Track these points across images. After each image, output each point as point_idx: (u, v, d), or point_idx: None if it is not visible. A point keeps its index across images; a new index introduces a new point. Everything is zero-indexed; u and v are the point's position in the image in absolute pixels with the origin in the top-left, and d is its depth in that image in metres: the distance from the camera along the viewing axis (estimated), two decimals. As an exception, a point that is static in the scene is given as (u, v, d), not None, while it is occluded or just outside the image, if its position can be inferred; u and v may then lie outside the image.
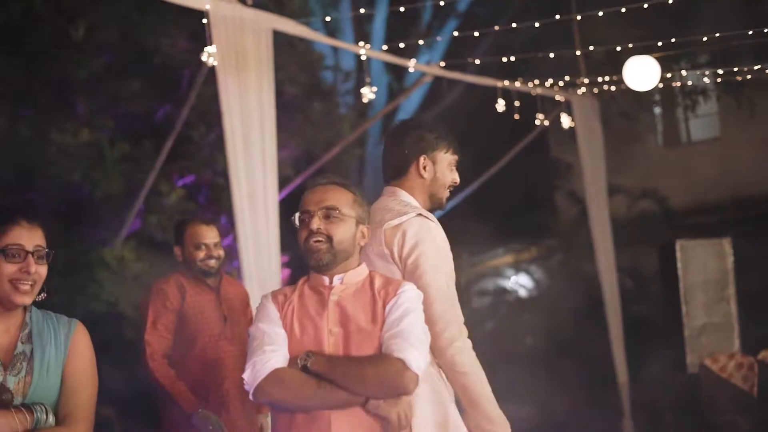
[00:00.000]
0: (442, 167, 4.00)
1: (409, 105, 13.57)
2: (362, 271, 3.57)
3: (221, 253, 5.42)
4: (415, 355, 3.35)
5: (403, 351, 3.34)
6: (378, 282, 3.54)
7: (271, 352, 3.39)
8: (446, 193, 4.01)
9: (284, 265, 9.79)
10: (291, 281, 9.93)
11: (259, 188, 6.51)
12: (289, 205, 10.62)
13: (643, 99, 13.91)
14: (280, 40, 8.60)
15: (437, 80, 12.97)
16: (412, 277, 3.76)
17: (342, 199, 3.50)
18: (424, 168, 3.98)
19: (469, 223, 13.42)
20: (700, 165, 15.43)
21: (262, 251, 6.44)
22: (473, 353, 3.74)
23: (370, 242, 3.82)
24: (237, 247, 6.43)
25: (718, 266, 10.11)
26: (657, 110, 15.92)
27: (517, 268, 15.30)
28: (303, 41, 9.29)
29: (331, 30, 12.98)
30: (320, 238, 3.44)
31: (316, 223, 3.44)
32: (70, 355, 3.29)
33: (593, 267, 10.60)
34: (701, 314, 9.95)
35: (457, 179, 4.02)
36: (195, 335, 5.27)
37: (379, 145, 13.65)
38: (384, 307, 3.45)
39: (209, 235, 5.38)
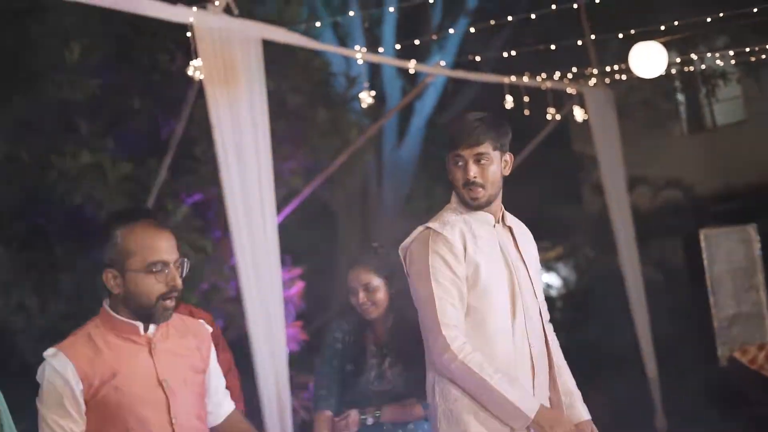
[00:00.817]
0: (450, 165, 3.78)
1: (424, 107, 13.38)
2: None
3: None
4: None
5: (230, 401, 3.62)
6: (193, 327, 3.45)
7: None
8: (465, 192, 3.72)
9: (299, 277, 9.64)
10: (305, 295, 9.78)
11: (256, 204, 6.33)
12: (300, 215, 10.53)
13: (663, 86, 13.69)
14: (281, 49, 8.47)
15: (452, 81, 12.87)
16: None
17: (175, 249, 3.31)
18: (448, 168, 3.83)
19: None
20: (726, 150, 15.13)
21: (262, 269, 6.26)
22: (469, 359, 3.55)
23: None
24: (236, 266, 6.26)
25: (745, 254, 9.85)
26: (680, 97, 15.64)
27: (546, 266, 15.07)
28: (305, 49, 9.14)
29: (341, 35, 12.85)
30: (173, 304, 3.27)
31: (173, 279, 3.25)
32: None
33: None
34: (730, 304, 9.69)
35: (469, 175, 3.68)
36: None
37: (395, 150, 13.53)
38: (202, 358, 3.42)
39: None
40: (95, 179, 8.27)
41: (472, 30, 8.79)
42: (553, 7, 8.24)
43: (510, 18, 8.47)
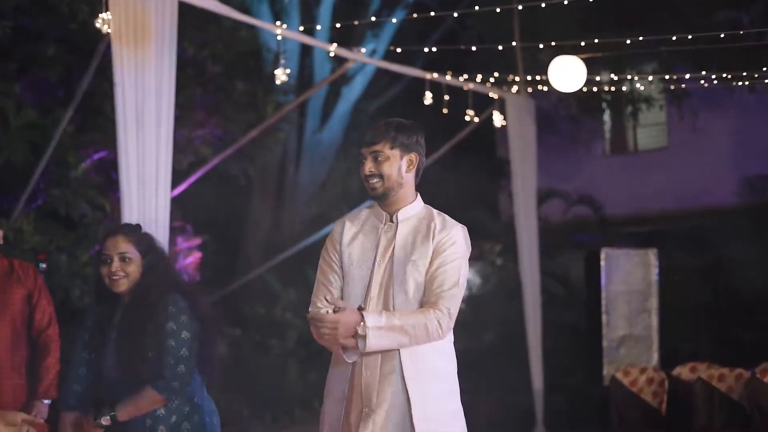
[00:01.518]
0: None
1: (351, 94, 13.30)
2: None
3: None
4: None
5: None
6: None
7: None
8: (366, 184, 4.07)
9: (198, 248, 9.52)
10: (202, 266, 9.67)
11: (151, 171, 6.18)
12: (208, 186, 10.38)
13: (590, 104, 13.78)
14: (205, 16, 8.33)
15: (382, 71, 12.80)
16: None
17: None
18: None
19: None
20: (644, 174, 15.30)
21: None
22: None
23: None
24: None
25: (643, 277, 9.96)
26: (605, 117, 15.79)
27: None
28: (231, 19, 9.00)
29: (277, 10, 12.70)
30: None
31: None
32: None
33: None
34: (622, 325, 9.78)
35: (365, 170, 4.04)
36: None
37: (317, 134, 13.43)
38: None
39: None
40: (-5, 123, 8.08)
41: (394, 20, 8.72)
42: (477, 8, 8.17)
43: (432, 14, 8.36)
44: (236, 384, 10.29)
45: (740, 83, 10.37)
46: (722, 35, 8.51)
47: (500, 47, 9.83)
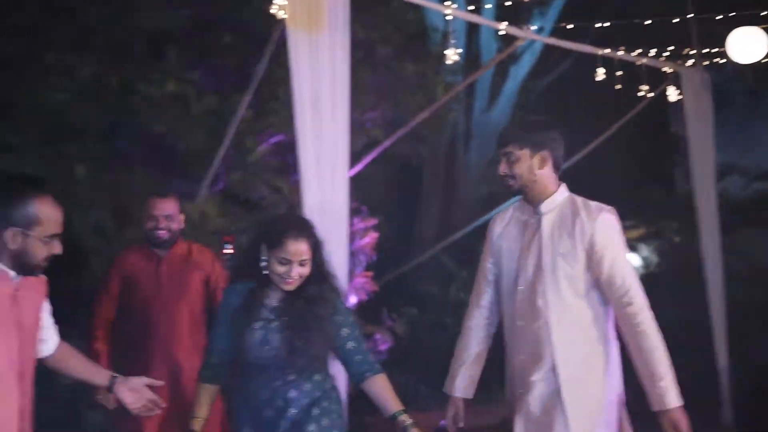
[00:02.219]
0: None
1: (519, 72, 13.19)
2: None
3: (173, 225, 5.61)
4: None
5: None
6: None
7: None
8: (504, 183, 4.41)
9: (373, 228, 9.61)
10: (377, 246, 9.75)
11: (328, 153, 6.26)
12: (382, 168, 10.46)
13: (769, 76, 13.29)
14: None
15: (549, 48, 12.63)
16: None
17: None
18: None
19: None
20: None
21: (329, 218, 6.18)
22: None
23: None
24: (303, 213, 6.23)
25: (831, 254, 9.53)
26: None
27: (627, 245, 14.75)
28: (400, 1, 9.06)
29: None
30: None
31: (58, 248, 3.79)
32: None
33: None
34: (810, 303, 9.39)
35: (499, 170, 4.39)
36: (130, 300, 5.64)
37: (485, 113, 13.38)
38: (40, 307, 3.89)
39: (161, 207, 5.63)
40: (179, 109, 8.34)
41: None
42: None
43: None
44: (413, 363, 10.39)
45: None
46: None
47: (674, 20, 9.54)
